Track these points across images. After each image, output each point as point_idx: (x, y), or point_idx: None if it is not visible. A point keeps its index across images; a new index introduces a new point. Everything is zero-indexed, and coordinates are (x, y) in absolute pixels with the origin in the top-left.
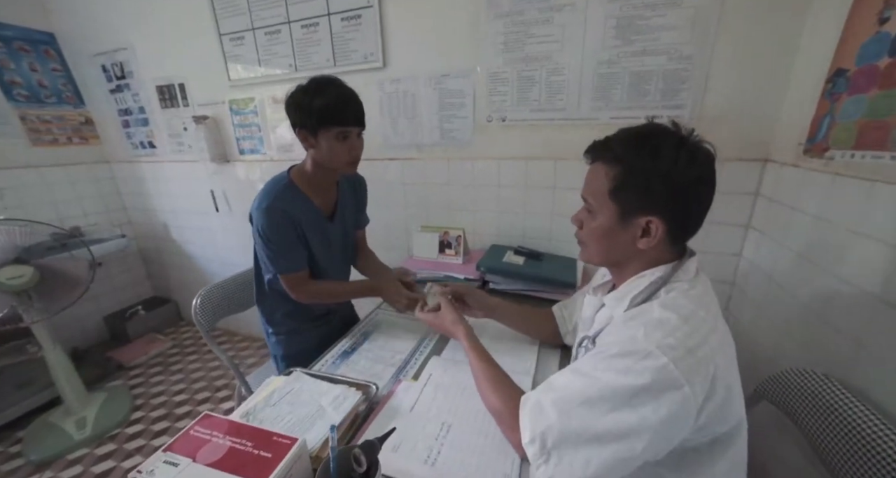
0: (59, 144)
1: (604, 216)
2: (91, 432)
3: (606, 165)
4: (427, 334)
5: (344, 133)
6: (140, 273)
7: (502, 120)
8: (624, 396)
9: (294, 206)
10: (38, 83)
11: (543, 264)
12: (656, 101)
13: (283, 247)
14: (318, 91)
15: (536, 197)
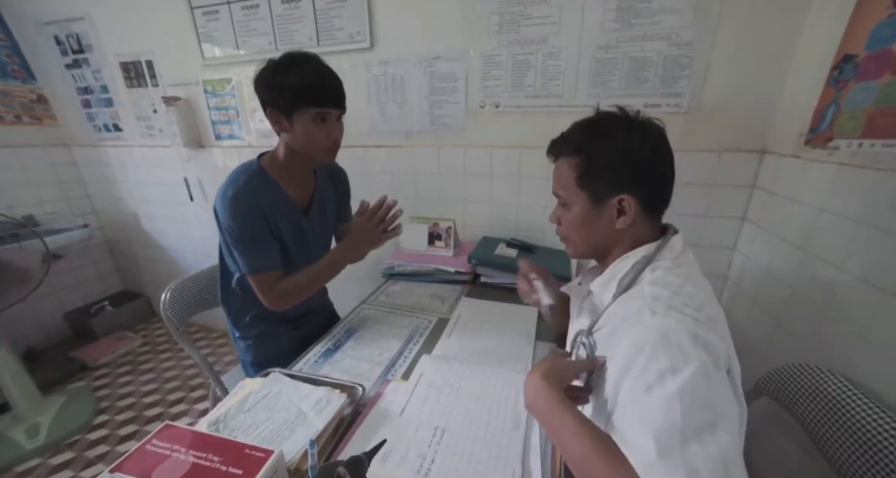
0: (6, 123)
1: (578, 206)
2: (45, 439)
3: (568, 157)
4: (417, 331)
5: (322, 115)
6: (107, 266)
7: (496, 106)
8: (701, 385)
9: (264, 195)
10: None
11: (536, 257)
12: (655, 89)
13: (251, 242)
14: (293, 66)
15: (530, 188)
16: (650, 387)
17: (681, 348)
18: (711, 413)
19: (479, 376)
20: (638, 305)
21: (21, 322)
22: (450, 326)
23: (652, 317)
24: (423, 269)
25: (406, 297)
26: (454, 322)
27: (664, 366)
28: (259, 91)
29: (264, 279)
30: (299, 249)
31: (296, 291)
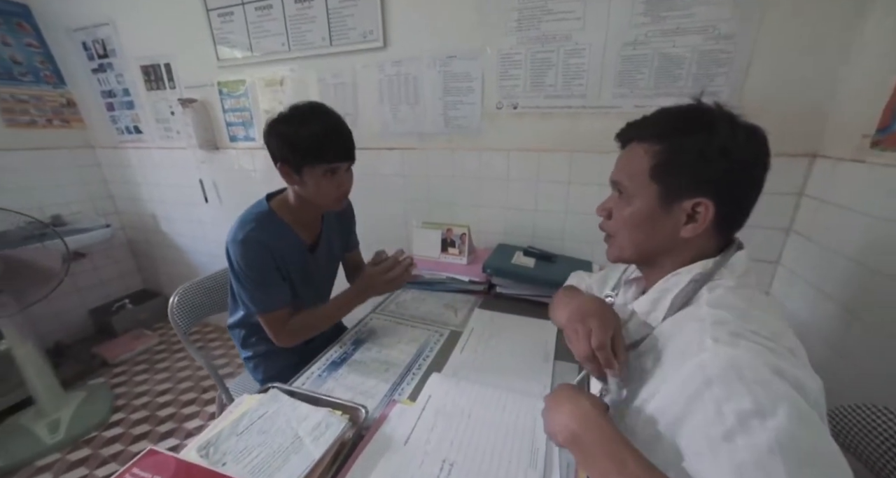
0: (38, 126)
1: (642, 199)
2: (65, 435)
3: (647, 142)
4: (427, 344)
5: (332, 169)
6: (129, 265)
7: (513, 107)
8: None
9: (273, 238)
10: (10, 59)
11: (556, 267)
12: (688, 88)
13: (262, 284)
14: (302, 123)
15: (549, 193)
16: (731, 434)
17: (763, 385)
18: (825, 470)
19: (493, 401)
20: (695, 329)
21: (50, 318)
22: (462, 339)
23: (715, 345)
24: (436, 277)
25: (417, 306)
26: (467, 336)
27: (745, 407)
28: (269, 145)
29: (275, 318)
30: (305, 285)
31: (305, 330)
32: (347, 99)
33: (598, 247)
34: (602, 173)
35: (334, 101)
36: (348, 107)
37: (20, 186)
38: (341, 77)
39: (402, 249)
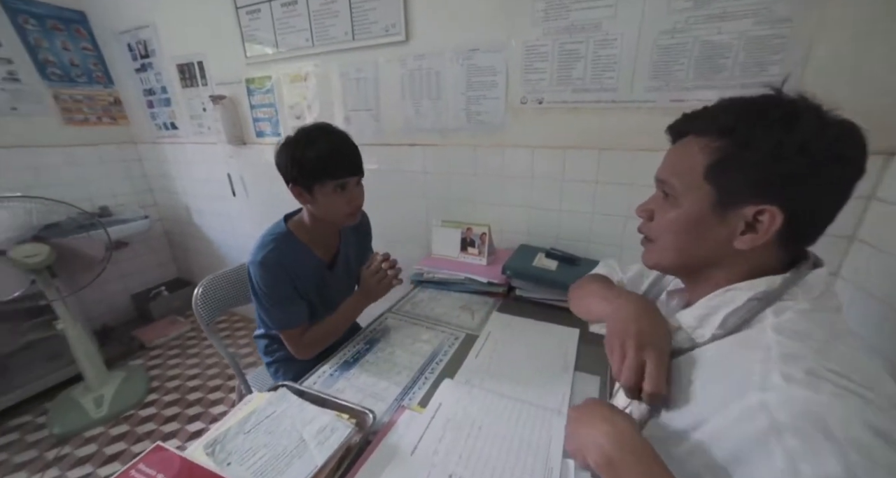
0: (90, 124)
1: (691, 202)
2: (107, 411)
3: (706, 137)
4: (441, 347)
5: (341, 185)
6: (165, 255)
7: (539, 102)
8: None
9: (291, 257)
10: (69, 62)
11: (579, 271)
12: (734, 79)
13: (280, 303)
14: (307, 144)
15: (575, 192)
16: None
17: (859, 450)
18: None
19: (506, 412)
20: (756, 359)
21: (98, 302)
22: (478, 344)
23: (787, 385)
24: (453, 277)
25: (433, 307)
26: (483, 340)
27: (833, 473)
28: (279, 169)
29: (294, 335)
30: (323, 301)
31: (319, 342)
32: (369, 94)
33: (627, 251)
34: (632, 173)
35: (356, 97)
36: (370, 102)
37: (76, 179)
38: (364, 72)
39: (386, 252)
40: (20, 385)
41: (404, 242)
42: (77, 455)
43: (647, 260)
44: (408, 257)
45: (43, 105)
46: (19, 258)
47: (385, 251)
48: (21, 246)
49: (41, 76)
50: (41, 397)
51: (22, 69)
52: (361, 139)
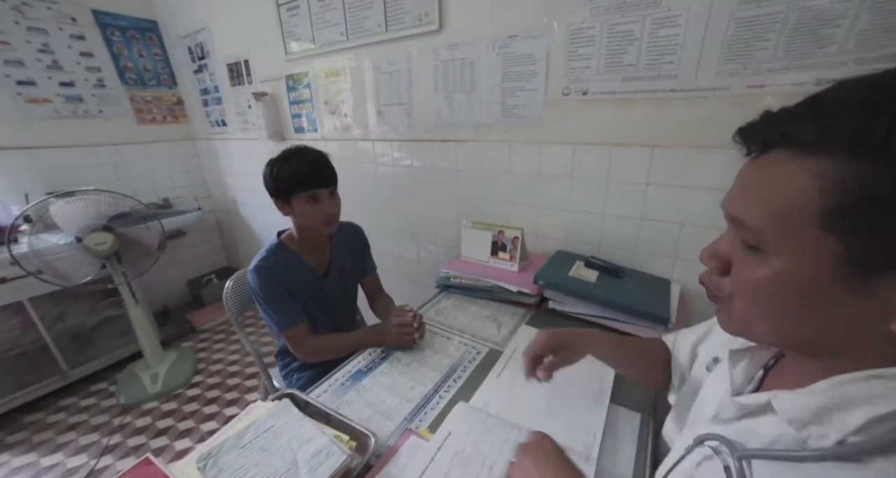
0: (157, 122)
1: (797, 261)
2: (161, 388)
3: (813, 155)
4: (461, 362)
5: (313, 196)
6: (216, 244)
7: (583, 93)
8: None
9: (283, 264)
10: (143, 67)
11: (623, 284)
12: (845, 55)
13: (275, 303)
14: (283, 162)
15: (621, 195)
16: None
17: None
18: None
19: None
20: None
21: (160, 286)
22: (501, 362)
23: None
24: (481, 283)
25: (457, 315)
26: (507, 358)
27: None
28: (266, 186)
29: (293, 334)
30: (320, 307)
31: (321, 352)
32: (402, 88)
33: (682, 265)
34: (692, 173)
35: (389, 91)
36: (402, 96)
37: (145, 173)
38: (396, 65)
39: (419, 313)
40: (99, 356)
41: (433, 242)
42: (136, 425)
43: (727, 326)
44: (435, 258)
45: (122, 107)
46: (91, 245)
47: (416, 311)
48: (93, 234)
49: (121, 81)
50: (114, 367)
51: (107, 76)
52: (394, 135)
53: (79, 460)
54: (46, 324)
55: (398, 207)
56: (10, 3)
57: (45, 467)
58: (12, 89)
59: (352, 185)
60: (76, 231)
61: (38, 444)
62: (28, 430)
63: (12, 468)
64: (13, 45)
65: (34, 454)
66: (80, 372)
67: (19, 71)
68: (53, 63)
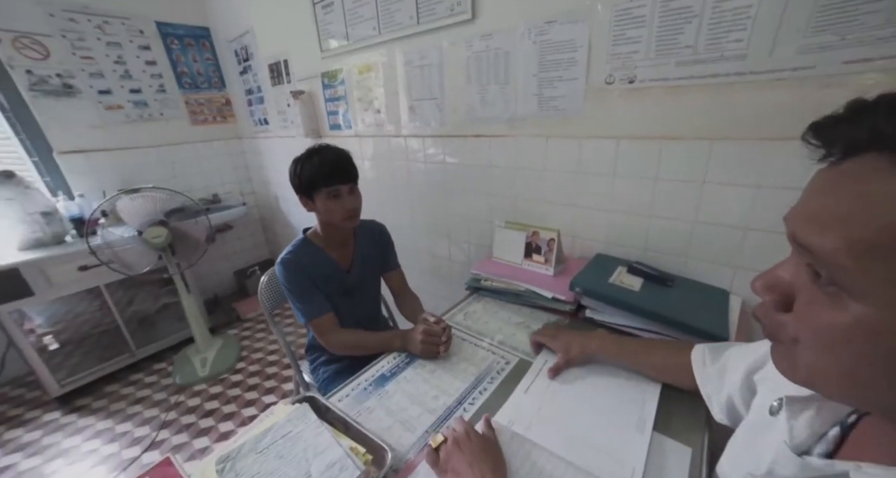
0: (208, 123)
1: (884, 306)
2: (209, 371)
3: None
4: (488, 372)
5: (333, 192)
6: (260, 238)
7: (629, 81)
8: None
9: (307, 257)
10: (196, 72)
11: (672, 295)
12: None
13: (302, 294)
14: (306, 161)
15: (672, 194)
16: None
17: None
18: None
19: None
20: None
21: (210, 276)
22: (530, 374)
23: None
24: (513, 287)
25: (486, 320)
26: (537, 371)
27: None
28: (291, 184)
29: (319, 324)
30: (344, 301)
31: (347, 346)
32: (433, 82)
33: (742, 275)
34: (761, 170)
35: (420, 85)
36: (434, 90)
37: (198, 171)
38: (427, 58)
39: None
40: (160, 338)
41: (465, 241)
42: (187, 405)
43: (788, 373)
44: (467, 257)
45: (178, 110)
46: (149, 238)
47: (443, 319)
48: (151, 228)
49: (178, 85)
50: (171, 349)
51: (167, 81)
52: (426, 131)
53: (143, 431)
54: (119, 308)
55: (431, 204)
56: (94, 23)
57: (119, 434)
58: (95, 99)
59: (385, 182)
60: (138, 225)
61: (114, 412)
62: (107, 398)
63: (96, 431)
64: (96, 60)
65: (111, 421)
66: (144, 352)
67: (100, 82)
68: (125, 73)
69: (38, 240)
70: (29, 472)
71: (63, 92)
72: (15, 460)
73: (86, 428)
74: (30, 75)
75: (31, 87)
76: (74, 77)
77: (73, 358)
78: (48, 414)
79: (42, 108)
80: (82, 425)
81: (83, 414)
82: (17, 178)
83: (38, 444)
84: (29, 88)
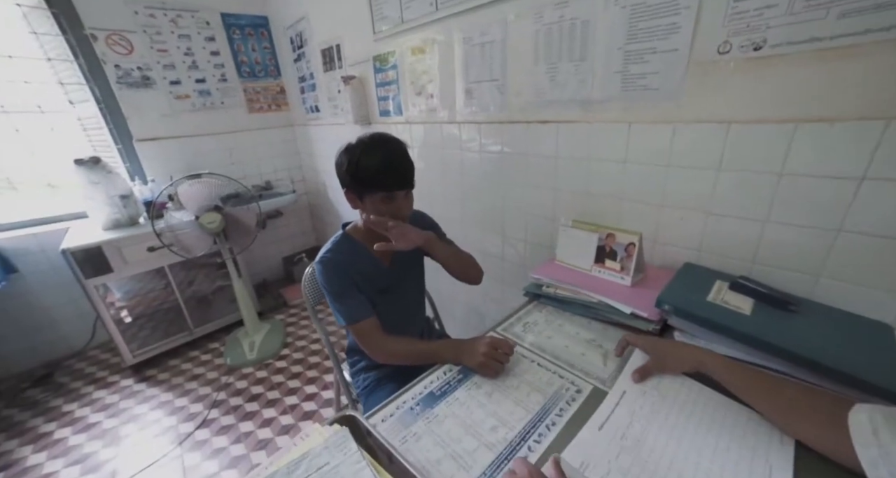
0: (263, 111)
1: None
2: (256, 355)
3: None
4: (556, 401)
5: (389, 197)
6: (308, 225)
7: (755, 48)
8: None
9: (348, 256)
10: (254, 61)
11: (799, 323)
12: None
13: (341, 296)
14: (363, 154)
15: (805, 193)
16: None
17: None
18: None
19: None
20: None
21: (261, 260)
22: (605, 407)
23: None
24: (582, 298)
25: (550, 334)
26: (615, 403)
27: None
28: (338, 174)
29: (361, 328)
30: (384, 299)
31: (391, 354)
32: (495, 61)
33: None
34: None
35: (480, 66)
36: (495, 71)
37: (254, 158)
38: (489, 34)
39: (513, 342)
40: (214, 318)
41: (520, 239)
42: (236, 387)
43: None
44: (521, 257)
45: (238, 98)
46: (205, 223)
47: (510, 339)
48: (206, 214)
49: (238, 74)
50: (224, 330)
51: (228, 71)
52: (483, 117)
53: (197, 408)
54: (181, 288)
55: (484, 197)
56: (169, 17)
57: (177, 408)
58: (167, 89)
59: (435, 172)
60: (196, 210)
61: (174, 385)
62: (170, 372)
63: (160, 402)
64: (169, 52)
65: (171, 394)
66: (202, 331)
67: (171, 73)
68: (192, 63)
69: (117, 221)
70: (111, 431)
71: (142, 83)
72: (100, 419)
73: (152, 398)
74: (117, 69)
75: (118, 79)
76: (151, 69)
77: (143, 332)
78: (125, 380)
79: (125, 99)
80: (149, 395)
81: (150, 384)
82: (103, 163)
83: (117, 407)
84: (116, 81)
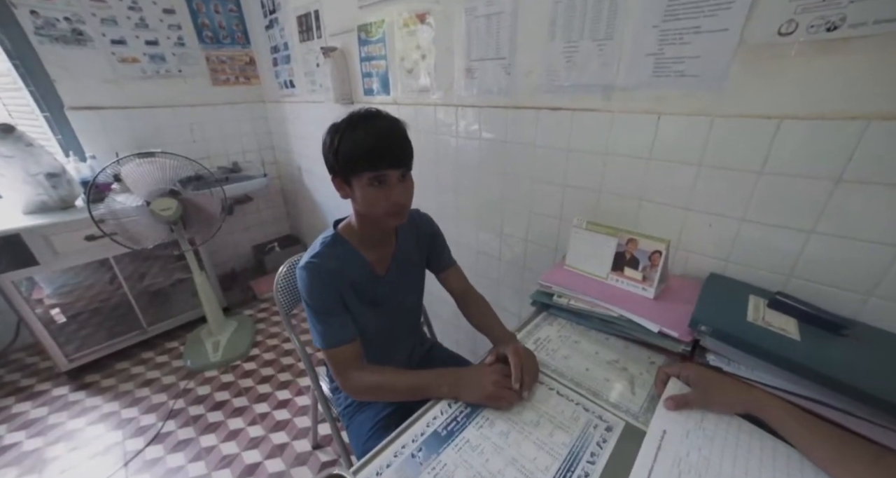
0: (230, 84)
1: None
2: (221, 357)
3: None
4: (584, 443)
5: (379, 177)
6: (280, 211)
7: (828, 28)
8: None
9: (339, 261)
10: (218, 25)
11: (855, 350)
12: None
13: (324, 314)
14: (346, 130)
15: (866, 201)
16: None
17: None
18: None
19: None
20: None
21: (227, 249)
22: (646, 454)
23: None
24: (600, 312)
25: (566, 353)
26: (655, 448)
27: None
28: (324, 158)
29: (337, 355)
30: (373, 312)
31: (371, 391)
32: (502, 37)
33: None
34: None
35: (484, 41)
36: (502, 48)
37: (218, 135)
38: (497, 4)
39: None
40: (174, 315)
41: (521, 239)
42: (197, 393)
43: None
44: (521, 259)
45: (199, 67)
46: (157, 210)
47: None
48: (159, 199)
49: (199, 39)
50: (185, 327)
51: (187, 34)
52: (485, 100)
53: (149, 420)
54: (130, 282)
55: (482, 190)
56: None
57: (124, 419)
58: (108, 49)
59: (426, 160)
60: (145, 195)
61: (122, 393)
62: (117, 377)
63: (102, 414)
64: (108, 2)
65: (118, 404)
66: (156, 329)
67: (113, 30)
68: (140, 21)
69: (44, 204)
70: (31, 454)
71: (73, 39)
72: (19, 439)
73: (92, 409)
74: (35, 16)
75: (36, 30)
76: (85, 23)
77: (84, 331)
78: (57, 388)
79: (50, 56)
80: (89, 406)
81: (91, 392)
82: (18, 133)
83: (44, 422)
84: (35, 32)
